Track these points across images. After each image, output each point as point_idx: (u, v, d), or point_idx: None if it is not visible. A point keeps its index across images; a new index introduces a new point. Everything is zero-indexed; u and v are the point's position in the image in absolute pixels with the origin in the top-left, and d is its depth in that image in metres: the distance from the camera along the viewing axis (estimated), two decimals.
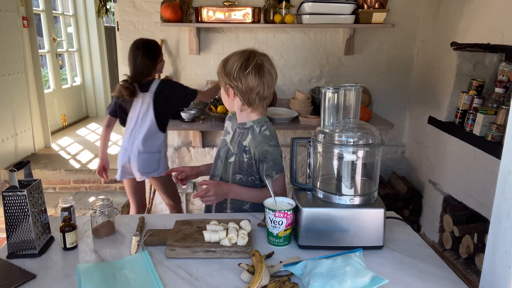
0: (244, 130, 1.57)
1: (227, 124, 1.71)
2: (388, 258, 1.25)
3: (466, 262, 2.58)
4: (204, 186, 1.52)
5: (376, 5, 2.82)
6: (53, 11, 5.13)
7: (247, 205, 1.61)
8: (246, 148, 1.55)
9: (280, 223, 1.27)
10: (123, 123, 2.56)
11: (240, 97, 1.51)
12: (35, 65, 4.23)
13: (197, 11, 2.84)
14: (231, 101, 1.56)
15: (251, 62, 1.46)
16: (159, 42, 3.04)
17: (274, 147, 1.52)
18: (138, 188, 2.73)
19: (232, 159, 1.58)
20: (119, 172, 2.56)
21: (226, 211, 1.64)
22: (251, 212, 1.64)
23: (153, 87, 2.42)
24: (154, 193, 3.25)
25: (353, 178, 1.30)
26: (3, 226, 1.23)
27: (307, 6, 2.78)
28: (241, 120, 1.59)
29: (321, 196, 1.32)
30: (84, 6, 5.82)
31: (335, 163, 1.31)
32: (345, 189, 1.29)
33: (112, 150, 4.40)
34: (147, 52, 2.41)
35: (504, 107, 2.26)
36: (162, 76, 3.11)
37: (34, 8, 4.29)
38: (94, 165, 3.81)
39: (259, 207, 1.56)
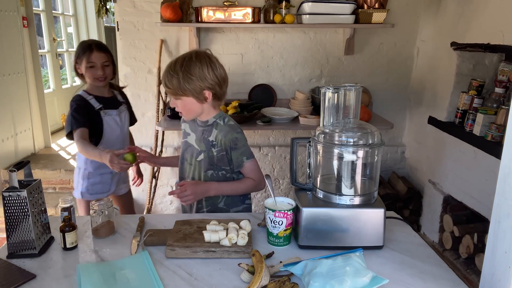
0: (207, 127, 1.59)
1: (184, 126, 1.70)
2: (388, 258, 1.25)
3: (466, 262, 2.58)
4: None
5: (376, 5, 2.82)
6: (53, 11, 5.13)
7: (222, 202, 1.63)
8: (214, 142, 1.57)
9: (280, 223, 1.27)
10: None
11: (217, 93, 1.53)
12: (35, 65, 4.23)
13: (197, 11, 2.84)
14: (202, 106, 1.55)
15: (212, 58, 1.50)
16: (159, 42, 3.04)
17: (241, 134, 1.58)
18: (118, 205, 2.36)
19: (201, 157, 1.59)
20: None
21: (203, 210, 1.65)
22: (249, 212, 1.65)
23: None
24: (154, 193, 3.25)
25: (353, 178, 1.30)
26: (3, 226, 1.23)
27: (307, 6, 2.78)
28: (203, 119, 1.60)
29: (321, 196, 1.32)
30: (84, 6, 5.82)
31: (335, 163, 1.31)
32: (345, 189, 1.30)
33: None
34: None
35: (504, 107, 2.26)
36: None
37: (34, 8, 4.29)
38: None
39: (234, 201, 1.64)
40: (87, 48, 2.03)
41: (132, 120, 2.36)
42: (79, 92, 2.11)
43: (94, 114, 2.05)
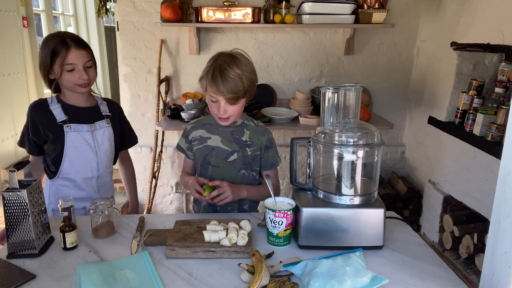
0: (237, 128, 1.58)
1: (200, 132, 1.60)
2: (388, 258, 1.25)
3: (466, 262, 2.58)
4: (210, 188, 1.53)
5: (376, 5, 2.82)
6: (53, 11, 5.13)
7: (246, 205, 1.65)
8: (248, 142, 1.58)
9: (280, 223, 1.27)
10: None
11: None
12: (35, 65, 4.24)
13: (197, 11, 2.84)
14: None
15: (246, 56, 1.50)
16: (159, 42, 3.04)
17: (272, 135, 1.64)
18: None
19: (233, 157, 1.58)
20: None
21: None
22: (251, 212, 1.65)
23: None
24: (154, 193, 3.25)
25: (353, 178, 1.30)
26: (3, 226, 1.23)
27: (307, 6, 2.78)
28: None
29: (321, 196, 1.32)
30: (84, 6, 5.82)
31: (335, 163, 1.31)
32: (345, 189, 1.29)
33: None
34: None
35: (504, 107, 2.26)
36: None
37: (34, 8, 4.29)
38: None
39: (254, 205, 1.66)
40: (61, 45, 1.49)
41: (125, 141, 1.82)
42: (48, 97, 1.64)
43: (56, 128, 1.57)
